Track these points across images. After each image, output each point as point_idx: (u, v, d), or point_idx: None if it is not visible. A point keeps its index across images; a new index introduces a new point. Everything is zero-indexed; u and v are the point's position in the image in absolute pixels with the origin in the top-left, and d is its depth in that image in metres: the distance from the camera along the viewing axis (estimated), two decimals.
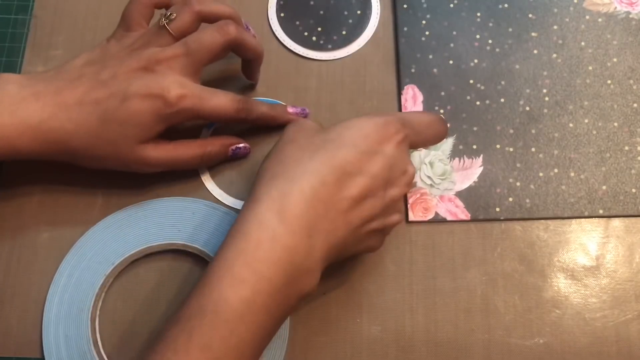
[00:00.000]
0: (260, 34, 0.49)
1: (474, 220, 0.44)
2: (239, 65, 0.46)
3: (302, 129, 0.38)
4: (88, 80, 0.39)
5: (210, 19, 0.42)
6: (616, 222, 0.44)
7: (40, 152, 0.39)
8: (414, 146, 0.41)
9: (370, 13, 0.50)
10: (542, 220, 0.44)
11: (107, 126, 0.38)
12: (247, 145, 0.45)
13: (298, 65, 0.48)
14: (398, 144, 0.37)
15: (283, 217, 0.33)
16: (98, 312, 0.42)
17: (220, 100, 0.40)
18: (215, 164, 0.45)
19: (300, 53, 0.49)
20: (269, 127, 0.45)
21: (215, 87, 0.42)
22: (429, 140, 0.43)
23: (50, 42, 0.49)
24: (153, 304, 0.42)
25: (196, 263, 0.43)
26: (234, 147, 0.44)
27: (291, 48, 0.49)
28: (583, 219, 0.44)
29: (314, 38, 0.49)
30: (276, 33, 0.49)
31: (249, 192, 0.36)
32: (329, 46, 0.49)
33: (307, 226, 0.33)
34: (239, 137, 0.45)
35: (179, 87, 0.39)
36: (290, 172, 0.35)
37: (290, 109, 0.45)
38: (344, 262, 0.43)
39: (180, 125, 0.44)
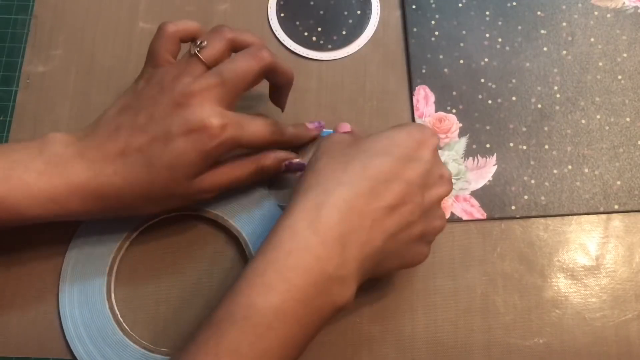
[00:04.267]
0: (260, 34, 0.49)
1: (490, 219, 0.44)
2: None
3: (336, 142, 0.38)
4: (126, 129, 0.37)
5: (242, 46, 0.40)
6: (616, 222, 0.44)
7: (92, 210, 0.38)
8: None
9: (370, 13, 0.50)
10: (542, 220, 0.44)
11: (155, 172, 0.37)
12: (301, 161, 0.43)
13: (298, 66, 0.48)
14: (434, 149, 0.37)
15: (316, 228, 0.33)
16: (113, 287, 0.42)
17: (258, 126, 0.40)
18: (270, 177, 0.44)
19: (300, 53, 0.49)
20: (296, 147, 0.45)
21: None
22: None
23: (50, 42, 0.49)
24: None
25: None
26: (287, 162, 0.43)
27: (291, 48, 0.49)
28: (583, 219, 0.44)
29: (314, 38, 0.49)
30: (276, 33, 0.49)
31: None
32: (329, 46, 0.49)
33: (340, 237, 0.33)
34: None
35: (219, 117, 0.37)
36: (324, 184, 0.35)
37: (309, 125, 0.45)
38: None
39: None
